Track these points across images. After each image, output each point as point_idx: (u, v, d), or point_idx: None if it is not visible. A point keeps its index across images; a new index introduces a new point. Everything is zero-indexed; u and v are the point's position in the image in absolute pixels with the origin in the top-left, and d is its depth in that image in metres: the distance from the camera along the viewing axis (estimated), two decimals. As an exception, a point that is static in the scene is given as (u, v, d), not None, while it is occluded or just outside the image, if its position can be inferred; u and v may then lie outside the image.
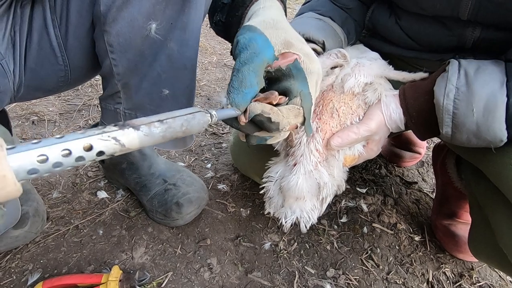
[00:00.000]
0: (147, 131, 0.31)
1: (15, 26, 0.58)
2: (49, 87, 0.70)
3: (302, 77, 0.44)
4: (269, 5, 0.55)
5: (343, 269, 0.80)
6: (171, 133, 0.33)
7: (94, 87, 1.40)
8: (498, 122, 0.47)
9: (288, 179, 0.55)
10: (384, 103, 0.55)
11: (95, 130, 0.29)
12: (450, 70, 0.51)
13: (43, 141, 0.27)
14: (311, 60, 0.46)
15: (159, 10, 0.58)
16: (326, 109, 0.56)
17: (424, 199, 1.05)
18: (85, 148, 0.28)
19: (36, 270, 0.71)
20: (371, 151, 0.59)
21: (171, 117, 0.34)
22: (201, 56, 1.81)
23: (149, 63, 0.64)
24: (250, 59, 0.41)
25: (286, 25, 0.49)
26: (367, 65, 0.58)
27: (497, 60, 0.51)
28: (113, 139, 0.29)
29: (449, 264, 0.85)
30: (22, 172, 0.26)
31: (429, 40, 0.64)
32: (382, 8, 0.70)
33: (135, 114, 0.73)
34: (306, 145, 0.54)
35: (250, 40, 0.43)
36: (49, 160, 0.26)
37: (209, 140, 1.18)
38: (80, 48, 0.64)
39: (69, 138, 0.27)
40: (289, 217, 0.57)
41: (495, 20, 0.55)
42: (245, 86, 0.41)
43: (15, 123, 1.13)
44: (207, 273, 0.75)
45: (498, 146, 0.50)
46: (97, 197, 0.90)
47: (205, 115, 0.37)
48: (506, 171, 0.51)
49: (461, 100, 0.49)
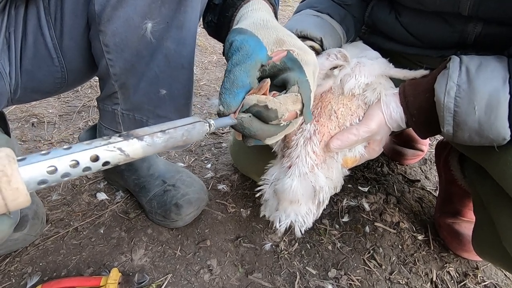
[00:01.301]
0: (150, 141, 0.33)
1: (10, 28, 0.57)
2: (47, 89, 0.69)
3: (297, 66, 0.43)
4: (258, 7, 0.55)
5: (345, 269, 0.79)
6: (172, 142, 0.35)
7: (94, 88, 1.39)
8: (500, 120, 0.46)
9: (283, 182, 0.53)
10: (384, 103, 0.54)
11: (101, 141, 0.30)
12: (451, 67, 0.49)
13: (52, 152, 0.28)
14: (305, 52, 0.45)
15: (154, 9, 0.57)
16: (324, 111, 0.55)
17: (427, 197, 1.03)
18: (92, 158, 0.30)
19: (35, 273, 0.71)
20: (373, 152, 0.58)
21: (173, 127, 0.35)
22: (201, 55, 1.80)
23: (146, 63, 0.64)
24: (242, 60, 0.41)
25: (276, 24, 0.49)
26: (368, 64, 0.57)
27: (499, 56, 0.50)
28: (118, 150, 0.31)
29: (453, 263, 0.84)
30: (32, 183, 0.27)
31: (430, 36, 0.63)
32: (382, 4, 0.69)
33: (133, 115, 0.73)
34: (302, 146, 0.53)
35: (242, 42, 0.43)
36: (58, 171, 0.28)
37: (209, 140, 1.17)
38: (76, 49, 0.64)
39: (76, 150, 0.29)
40: (284, 221, 0.55)
41: (497, 15, 0.54)
42: (237, 86, 0.41)
43: (14, 126, 1.13)
44: (207, 274, 0.75)
45: (501, 145, 0.49)
46: (96, 198, 0.89)
47: (204, 125, 0.38)
48: (509, 169, 0.50)
49: (463, 98, 0.48)
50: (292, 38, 0.46)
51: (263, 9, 0.55)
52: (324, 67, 0.57)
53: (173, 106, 0.70)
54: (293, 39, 0.47)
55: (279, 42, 0.45)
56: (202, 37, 1.92)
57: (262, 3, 0.57)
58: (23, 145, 1.06)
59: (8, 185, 0.26)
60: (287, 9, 2.79)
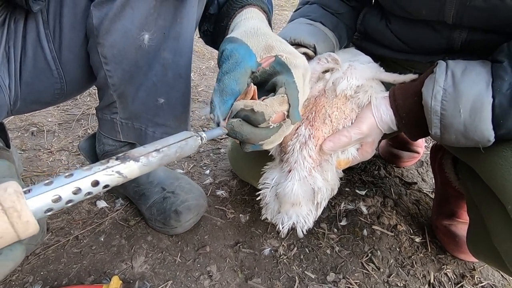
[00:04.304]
0: (146, 161, 0.35)
1: (9, 41, 0.59)
2: (46, 100, 0.71)
3: (286, 69, 0.45)
4: (251, 16, 0.56)
5: (343, 273, 0.80)
6: (167, 159, 0.37)
7: (93, 96, 1.40)
8: (485, 123, 0.48)
9: (284, 186, 0.55)
10: (374, 105, 0.56)
11: (100, 166, 0.33)
12: (438, 71, 0.51)
13: (55, 182, 0.31)
14: (294, 56, 0.46)
15: (151, 21, 0.58)
16: (319, 115, 0.56)
17: (424, 200, 1.04)
18: (93, 184, 0.32)
19: (36, 282, 0.71)
20: (365, 153, 0.60)
21: (167, 145, 0.37)
22: (198, 61, 1.82)
23: (144, 73, 0.65)
24: (232, 68, 0.43)
25: (267, 31, 0.50)
26: (359, 67, 0.58)
27: (484, 61, 0.51)
28: (117, 173, 0.33)
29: (450, 265, 0.85)
30: (39, 213, 0.30)
31: (419, 43, 0.65)
32: (373, 12, 0.71)
33: (132, 123, 0.74)
34: (299, 151, 0.55)
35: (231, 51, 0.44)
36: (62, 199, 0.31)
37: (208, 146, 1.18)
38: (75, 60, 0.65)
39: (77, 177, 0.31)
40: (286, 222, 0.57)
41: (480, 24, 0.56)
42: (226, 93, 0.42)
43: (14, 135, 1.14)
44: (207, 280, 0.75)
45: (486, 146, 0.51)
46: (96, 206, 0.90)
47: (196, 139, 0.40)
48: (495, 170, 0.51)
49: (448, 101, 0.49)
50: (282, 44, 0.48)
51: (255, 17, 0.57)
52: (316, 71, 0.59)
53: (171, 114, 0.71)
54: (283, 44, 0.48)
55: (268, 48, 0.46)
56: (200, 43, 1.94)
57: (255, 11, 0.58)
58: (23, 154, 1.06)
59: (19, 219, 0.28)
60: (283, 13, 2.82)
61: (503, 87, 0.46)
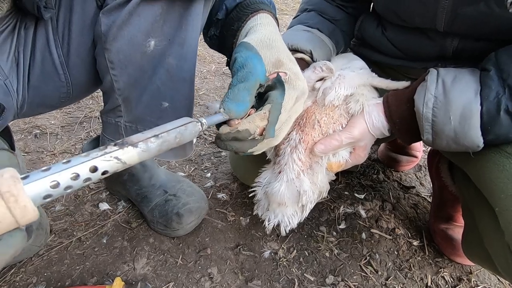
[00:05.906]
0: (145, 147, 0.34)
1: (19, 47, 0.60)
2: (52, 103, 0.72)
3: (281, 88, 0.48)
4: (266, 21, 0.57)
5: (342, 275, 0.81)
6: (166, 145, 0.36)
7: (95, 99, 1.42)
8: (474, 129, 0.50)
9: (272, 186, 0.59)
10: (366, 112, 0.58)
11: (98, 152, 0.32)
12: (429, 79, 0.53)
13: (52, 168, 0.30)
14: (298, 78, 0.50)
15: (157, 27, 0.60)
16: (309, 121, 0.59)
17: (422, 204, 1.06)
18: (91, 169, 0.31)
19: (40, 283, 0.72)
20: (358, 157, 0.62)
21: (165, 130, 0.37)
22: (199, 65, 1.83)
23: (148, 77, 0.66)
24: (246, 78, 0.46)
25: (280, 44, 0.52)
26: (348, 76, 0.61)
27: (474, 69, 0.53)
28: (115, 159, 0.32)
29: (447, 268, 0.86)
30: (38, 199, 0.29)
31: (413, 50, 0.67)
32: (370, 19, 0.73)
33: (135, 127, 0.75)
34: (289, 154, 0.58)
35: (246, 59, 0.47)
36: (60, 185, 0.30)
37: (209, 149, 1.20)
38: (81, 65, 0.66)
39: (75, 163, 0.30)
40: (272, 220, 0.61)
41: (470, 31, 0.58)
42: (238, 100, 0.45)
43: (18, 137, 1.15)
44: (207, 282, 0.76)
45: (476, 151, 0.53)
46: (99, 209, 0.91)
47: (196, 124, 0.40)
48: (485, 173, 0.53)
49: (439, 109, 0.51)
50: (290, 62, 0.50)
51: (270, 23, 0.58)
52: (311, 80, 0.61)
53: (175, 117, 0.72)
54: (292, 63, 0.51)
55: (277, 64, 0.49)
56: (201, 47, 1.96)
57: (269, 18, 0.59)
58: (26, 156, 1.08)
59: (16, 204, 0.28)
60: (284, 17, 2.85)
61: (490, 95, 0.48)
